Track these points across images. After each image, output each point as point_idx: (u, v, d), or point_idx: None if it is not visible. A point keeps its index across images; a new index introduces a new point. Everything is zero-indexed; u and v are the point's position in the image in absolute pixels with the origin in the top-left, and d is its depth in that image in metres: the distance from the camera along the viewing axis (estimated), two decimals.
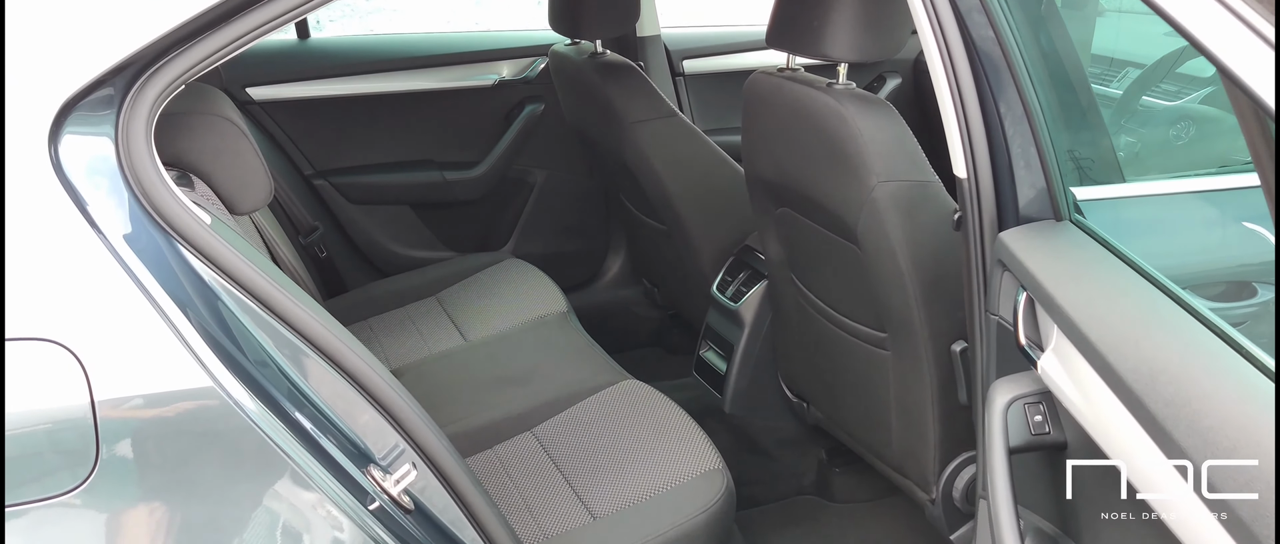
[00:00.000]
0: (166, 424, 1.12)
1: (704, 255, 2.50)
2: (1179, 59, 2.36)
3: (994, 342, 1.44)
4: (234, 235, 1.31)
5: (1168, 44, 2.55)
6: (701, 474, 1.75)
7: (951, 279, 1.68)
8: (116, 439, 1.09)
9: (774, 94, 1.87)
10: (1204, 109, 2.26)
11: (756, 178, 2.06)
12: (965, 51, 1.42)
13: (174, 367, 1.11)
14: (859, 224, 1.73)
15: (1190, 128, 2.15)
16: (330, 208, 2.93)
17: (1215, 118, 2.21)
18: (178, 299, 1.11)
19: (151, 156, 1.16)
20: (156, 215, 1.15)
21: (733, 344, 2.39)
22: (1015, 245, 1.34)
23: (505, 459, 1.86)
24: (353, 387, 1.25)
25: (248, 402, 1.13)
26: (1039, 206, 1.41)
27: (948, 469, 1.86)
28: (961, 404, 1.80)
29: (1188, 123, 2.17)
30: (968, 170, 1.45)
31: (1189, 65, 2.35)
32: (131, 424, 1.10)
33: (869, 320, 1.90)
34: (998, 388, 1.33)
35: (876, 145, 1.66)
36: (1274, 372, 1.00)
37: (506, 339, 2.29)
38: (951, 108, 1.45)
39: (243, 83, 2.78)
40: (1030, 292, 1.29)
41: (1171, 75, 2.38)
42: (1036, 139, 1.38)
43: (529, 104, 3.04)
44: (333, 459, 1.19)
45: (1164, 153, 2.09)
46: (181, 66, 1.17)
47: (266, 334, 1.19)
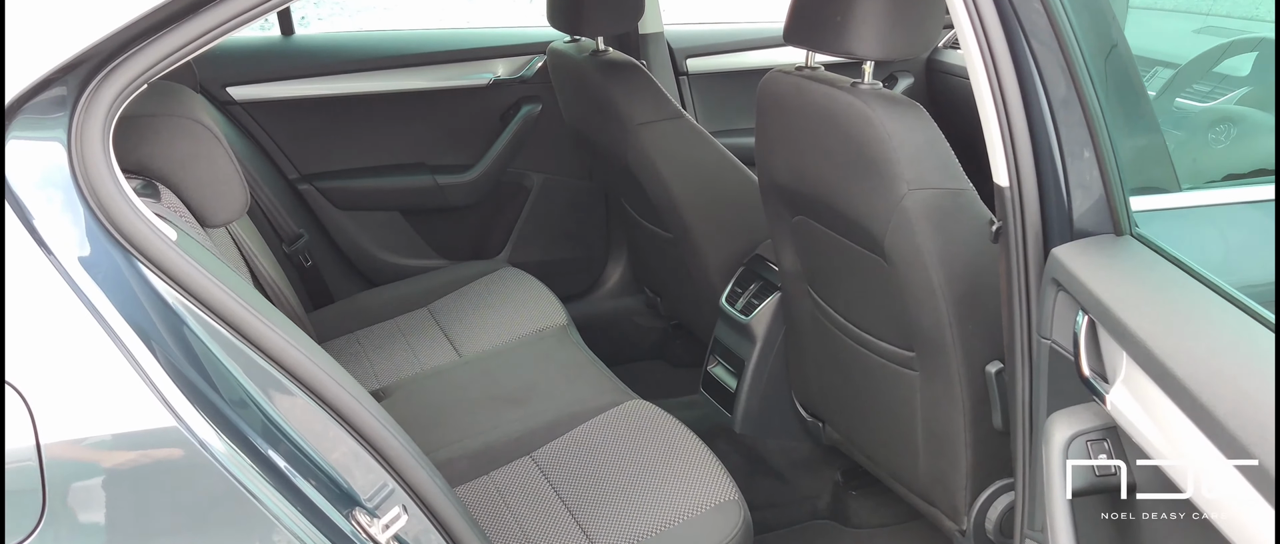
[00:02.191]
0: (123, 469, 1.04)
1: (712, 265, 2.44)
2: (1215, 58, 2.26)
3: (1045, 368, 1.34)
4: (203, 252, 1.22)
5: (1198, 42, 2.46)
6: (716, 506, 1.66)
7: (987, 295, 1.61)
8: (65, 487, 1.01)
9: (792, 94, 1.78)
10: (1242, 110, 2.15)
11: (771, 184, 1.97)
12: (1007, 43, 1.33)
13: (132, 404, 1.02)
14: (886, 235, 1.64)
15: (1230, 130, 2.04)
16: (316, 214, 2.87)
17: (1255, 119, 2.10)
18: (138, 327, 1.03)
19: (109, 164, 1.07)
20: (114, 231, 1.06)
21: (743, 360, 2.33)
22: (1074, 263, 1.23)
23: (502, 487, 1.78)
24: (335, 420, 1.18)
25: (215, 441, 1.05)
26: (1096, 219, 1.32)
27: (980, 498, 1.77)
28: (996, 429, 1.70)
29: (1227, 125, 2.05)
30: (1010, 177, 1.37)
31: (1225, 64, 2.25)
32: (83, 470, 1.02)
33: (895, 338, 1.81)
34: (1057, 422, 1.21)
35: (906, 150, 1.57)
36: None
37: (503, 354, 2.22)
38: (991, 107, 1.36)
39: (222, 82, 2.71)
40: (1094, 316, 1.18)
41: (1207, 75, 2.27)
42: (1095, 143, 1.27)
43: (525, 104, 2.98)
44: (312, 504, 1.11)
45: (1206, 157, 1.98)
46: (143, 63, 1.08)
47: (238, 364, 1.11)
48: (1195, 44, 2.39)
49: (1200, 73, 2.28)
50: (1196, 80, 2.30)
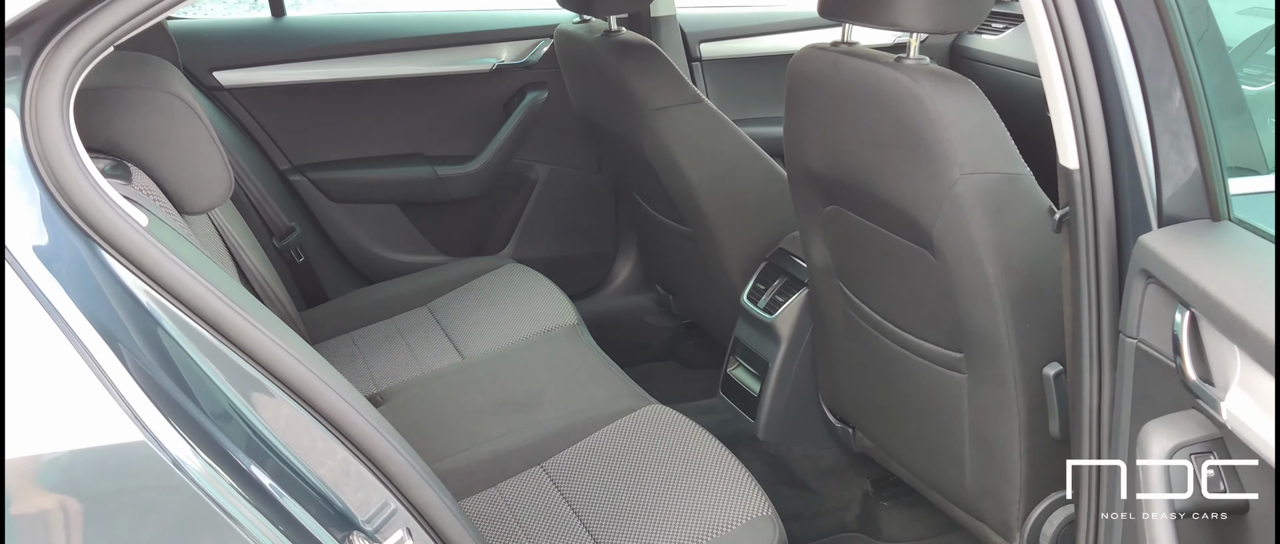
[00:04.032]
0: (82, 492, 0.95)
1: (733, 260, 2.38)
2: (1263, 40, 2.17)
3: (1129, 371, 1.23)
4: (180, 241, 1.14)
5: (1245, 24, 2.35)
6: (748, 522, 1.57)
7: (1047, 291, 1.53)
8: (16, 513, 0.92)
9: (828, 72, 1.68)
10: None
11: (802, 171, 1.88)
12: (1077, 9, 1.25)
13: (94, 416, 0.93)
14: (935, 225, 1.55)
15: None
16: (309, 207, 2.82)
17: None
18: (101, 326, 0.95)
19: (70, 138, 0.99)
20: (75, 215, 0.98)
21: (767, 361, 2.26)
22: (1169, 252, 1.12)
23: (511, 500, 1.71)
24: (328, 430, 1.10)
25: (190, 459, 0.96)
26: (1188, 203, 1.21)
27: (1034, 512, 1.68)
28: (1053, 438, 1.61)
29: None
30: (1080, 159, 1.29)
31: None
32: (34, 493, 0.94)
33: (941, 338, 1.71)
34: (1153, 432, 1.10)
35: (959, 131, 1.48)
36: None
37: (509, 356, 2.15)
38: (1061, 81, 1.28)
39: (209, 66, 2.65)
40: (1200, 311, 1.05)
41: (1259, 58, 2.16)
42: (1193, 117, 1.16)
43: (531, 91, 2.92)
44: (301, 527, 1.03)
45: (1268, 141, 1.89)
46: (107, 23, 0.99)
47: (218, 367, 1.03)
48: (1240, 26, 2.28)
49: (1252, 55, 2.17)
50: (1248, 63, 2.19)
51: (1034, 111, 1.55)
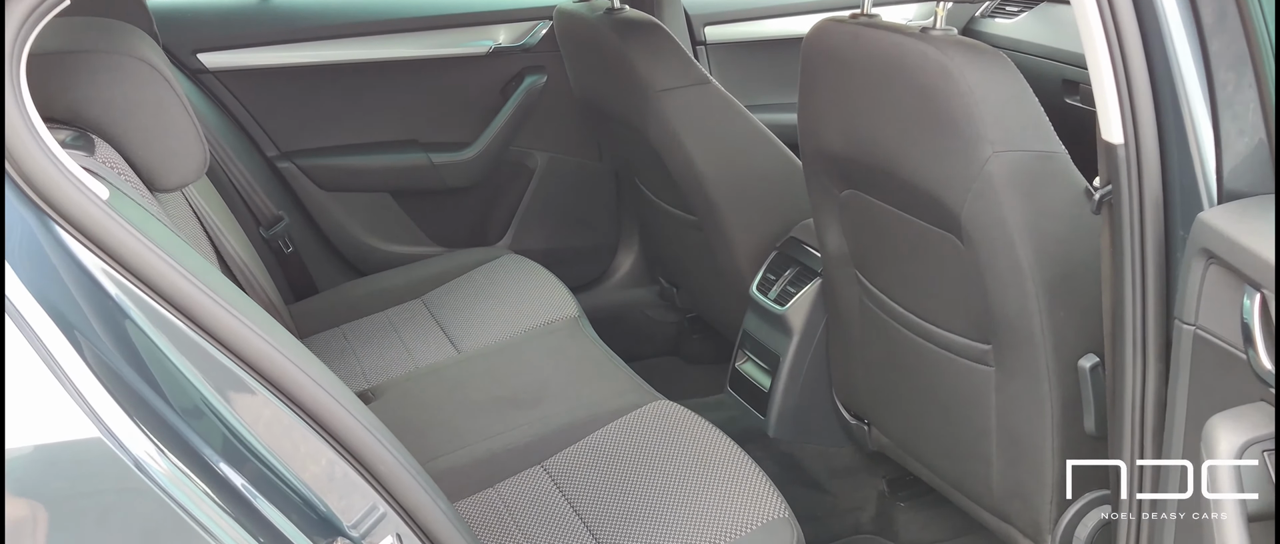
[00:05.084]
0: (33, 495, 0.88)
1: (741, 249, 2.35)
2: None
3: (1187, 361, 1.15)
4: (145, 217, 1.07)
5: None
6: (763, 525, 1.52)
7: (1084, 277, 1.46)
8: None
9: (848, 46, 1.62)
10: None
11: (817, 152, 1.81)
12: None
13: (45, 411, 0.87)
14: (965, 206, 1.48)
15: None
16: (298, 195, 2.78)
17: None
18: (55, 311, 0.89)
19: (20, 102, 0.94)
20: (26, 187, 0.92)
21: (778, 355, 2.23)
22: (1236, 230, 1.04)
23: (510, 500, 1.67)
24: (312, 428, 1.05)
25: (153, 459, 0.89)
26: (1251, 177, 1.13)
27: (1067, 514, 1.61)
28: (1088, 434, 1.55)
29: None
30: (1126, 133, 1.21)
31: None
32: None
33: (967, 329, 1.65)
34: (1221, 428, 1.02)
35: (990, 106, 1.41)
36: None
37: (507, 350, 2.13)
38: (1103, 46, 1.20)
39: (192, 47, 2.62)
40: (1275, 293, 0.96)
41: None
42: (1260, 80, 1.09)
43: (529, 75, 2.88)
44: (281, 534, 0.97)
45: None
46: None
47: (188, 358, 0.97)
48: None
49: None
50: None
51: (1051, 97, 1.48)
